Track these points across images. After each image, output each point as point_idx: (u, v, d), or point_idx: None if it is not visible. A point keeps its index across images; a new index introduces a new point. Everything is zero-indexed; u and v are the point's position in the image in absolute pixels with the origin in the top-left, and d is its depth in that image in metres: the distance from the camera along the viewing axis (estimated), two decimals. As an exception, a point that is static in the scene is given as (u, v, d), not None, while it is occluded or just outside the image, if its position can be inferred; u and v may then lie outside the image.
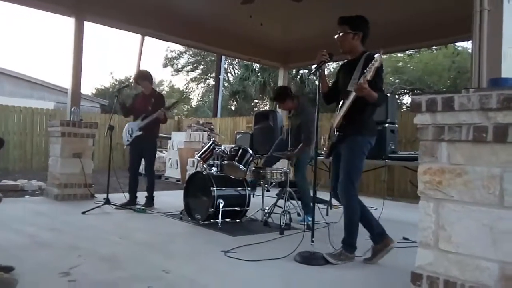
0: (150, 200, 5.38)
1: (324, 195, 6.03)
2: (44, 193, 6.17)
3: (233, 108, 25.05)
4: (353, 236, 3.22)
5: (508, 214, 1.86)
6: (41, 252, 3.18)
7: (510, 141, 1.86)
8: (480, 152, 1.96)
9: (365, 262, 3.22)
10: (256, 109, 22.35)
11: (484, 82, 2.38)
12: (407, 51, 16.77)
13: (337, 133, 3.21)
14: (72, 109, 6.03)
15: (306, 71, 17.60)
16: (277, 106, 5.06)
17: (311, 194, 3.71)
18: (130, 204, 5.31)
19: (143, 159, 5.52)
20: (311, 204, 3.51)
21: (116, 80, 28.24)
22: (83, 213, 4.75)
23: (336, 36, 3.25)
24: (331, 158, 3.52)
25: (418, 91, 16.82)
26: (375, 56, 2.95)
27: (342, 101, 3.21)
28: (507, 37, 2.33)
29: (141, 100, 5.47)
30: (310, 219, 3.56)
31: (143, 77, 5.46)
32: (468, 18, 2.57)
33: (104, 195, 5.23)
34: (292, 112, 4.97)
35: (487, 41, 2.40)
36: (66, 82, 6.46)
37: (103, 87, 28.61)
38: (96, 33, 46.05)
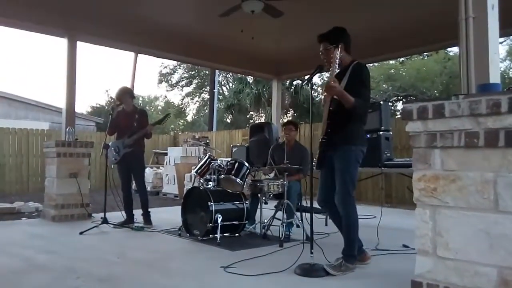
0: (147, 216, 5.33)
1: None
2: (41, 215, 6.12)
3: (228, 121, 25.12)
4: (354, 246, 3.21)
5: (504, 218, 1.87)
6: (38, 275, 3.14)
7: (501, 145, 1.88)
8: (473, 157, 1.98)
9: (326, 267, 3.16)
10: (251, 121, 22.41)
11: (473, 88, 2.41)
12: (398, 58, 16.91)
13: (321, 140, 3.23)
14: (67, 129, 6.03)
15: (300, 81, 17.72)
16: (283, 131, 5.18)
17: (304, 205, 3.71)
18: (128, 222, 5.27)
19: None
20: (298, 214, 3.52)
21: (111, 97, 28.27)
22: (81, 233, 4.71)
23: (320, 54, 3.32)
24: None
25: (412, 98, 16.95)
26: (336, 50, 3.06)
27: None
28: (493, 43, 2.36)
29: (124, 117, 5.41)
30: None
31: (126, 94, 5.45)
32: (456, 24, 2.61)
33: (102, 214, 5.19)
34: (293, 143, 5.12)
35: (474, 48, 2.44)
36: (60, 102, 6.48)
37: (98, 105, 28.65)
38: (90, 51, 46.31)
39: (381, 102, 5.33)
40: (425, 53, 16.91)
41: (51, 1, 5.70)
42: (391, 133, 5.29)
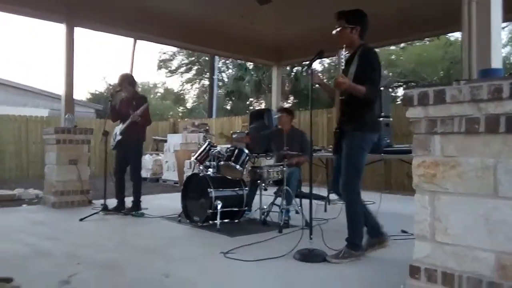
0: (136, 204, 5.31)
1: (321, 191, 6.04)
2: (42, 202, 6.14)
3: (228, 107, 25.03)
4: (356, 235, 3.18)
5: (503, 204, 1.87)
6: (41, 261, 3.17)
7: (502, 131, 1.87)
8: (473, 143, 1.97)
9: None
10: (251, 108, 22.35)
11: (474, 74, 2.39)
12: (399, 44, 16.77)
13: (337, 129, 3.24)
14: (66, 116, 6.01)
15: (300, 68, 17.62)
16: (279, 118, 5.18)
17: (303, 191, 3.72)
18: (119, 209, 5.27)
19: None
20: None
21: (110, 84, 28.15)
22: (81, 220, 4.73)
23: (334, 31, 3.25)
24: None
25: (412, 84, 16.86)
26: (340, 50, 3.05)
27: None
28: (495, 29, 2.33)
29: (124, 104, 5.42)
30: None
31: (125, 80, 5.42)
32: (458, 10, 2.57)
33: (102, 201, 5.21)
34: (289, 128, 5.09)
35: (476, 33, 2.41)
36: (59, 89, 6.45)
37: (97, 92, 28.52)
38: (89, 37, 45.91)
39: (381, 89, 5.30)
40: (426, 39, 16.75)
41: (48, -14, 5.63)
42: (391, 119, 5.28)
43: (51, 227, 4.53)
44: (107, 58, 54.62)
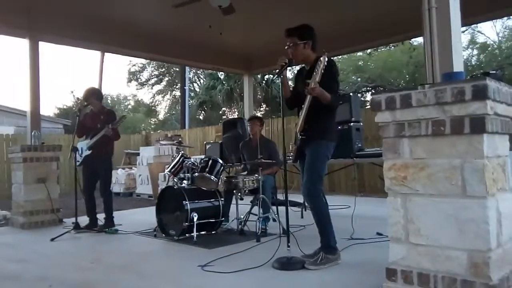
0: (109, 220, 5.17)
1: (297, 197, 6.07)
2: (10, 223, 5.89)
3: (201, 118, 24.90)
4: (329, 237, 3.21)
5: (471, 203, 1.93)
6: (8, 286, 3.03)
7: (466, 132, 1.93)
8: (440, 145, 2.03)
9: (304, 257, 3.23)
10: (224, 117, 22.31)
11: (438, 77, 2.47)
12: (365, 50, 17.18)
13: (300, 136, 3.29)
14: (32, 133, 5.81)
15: (271, 76, 17.74)
16: (249, 126, 5.22)
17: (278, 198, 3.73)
18: (91, 226, 5.12)
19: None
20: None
21: (78, 98, 27.50)
22: (52, 240, 4.56)
23: (286, 48, 3.33)
24: (298, 162, 3.56)
25: (380, 89, 17.29)
26: (320, 58, 3.10)
27: (302, 105, 3.27)
28: (456, 32, 2.42)
29: (90, 118, 5.30)
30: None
31: (91, 94, 5.31)
32: (420, 15, 2.66)
33: (74, 219, 5.05)
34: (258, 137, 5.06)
35: (438, 37, 2.49)
36: (25, 105, 6.24)
37: (65, 107, 27.83)
38: (55, 50, 44.80)
39: (351, 94, 5.42)
40: (391, 44, 17.24)
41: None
42: (361, 124, 5.38)
43: (20, 249, 4.35)
44: (74, 72, 53.43)
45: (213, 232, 4.59)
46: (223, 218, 4.66)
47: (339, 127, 4.95)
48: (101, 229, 5.05)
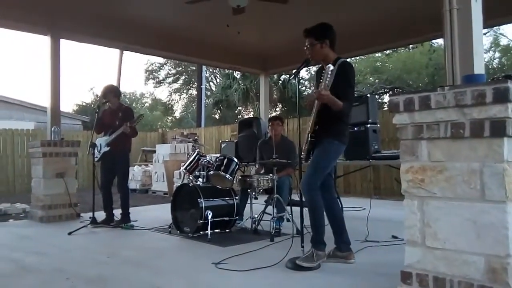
0: (125, 216, 5.25)
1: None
2: (29, 216, 6.03)
3: (217, 117, 25.02)
4: (320, 232, 3.22)
5: (490, 208, 1.90)
6: (27, 277, 3.10)
7: (486, 135, 1.90)
8: (459, 148, 2.00)
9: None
10: (240, 116, 22.36)
11: (458, 79, 2.43)
12: (385, 51, 17.00)
13: (310, 138, 3.25)
14: (52, 129, 5.94)
15: (287, 76, 17.72)
16: (270, 126, 5.17)
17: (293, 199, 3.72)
18: (107, 222, 5.20)
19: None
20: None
21: (97, 95, 27.94)
22: (69, 233, 4.66)
23: (305, 48, 3.31)
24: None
25: (398, 90, 17.08)
26: (329, 64, 3.05)
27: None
28: (477, 34, 2.38)
29: (108, 115, 5.41)
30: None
31: (109, 92, 5.40)
32: (441, 16, 2.62)
33: (91, 214, 5.14)
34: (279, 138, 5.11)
35: (458, 39, 2.46)
36: (45, 101, 6.38)
37: (84, 103, 28.28)
38: (75, 48, 45.58)
39: (368, 95, 5.35)
40: (410, 45, 17.01)
41: (32, -2, 5.60)
42: (378, 125, 5.32)
43: (39, 241, 4.45)
44: (94, 69, 54.30)
45: (227, 230, 4.61)
46: (237, 217, 4.68)
47: (355, 128, 4.93)
48: (117, 225, 5.13)
